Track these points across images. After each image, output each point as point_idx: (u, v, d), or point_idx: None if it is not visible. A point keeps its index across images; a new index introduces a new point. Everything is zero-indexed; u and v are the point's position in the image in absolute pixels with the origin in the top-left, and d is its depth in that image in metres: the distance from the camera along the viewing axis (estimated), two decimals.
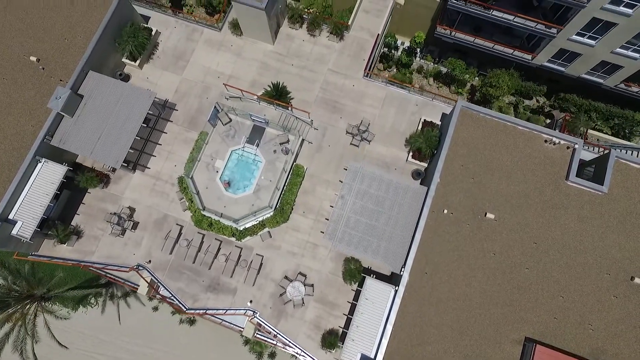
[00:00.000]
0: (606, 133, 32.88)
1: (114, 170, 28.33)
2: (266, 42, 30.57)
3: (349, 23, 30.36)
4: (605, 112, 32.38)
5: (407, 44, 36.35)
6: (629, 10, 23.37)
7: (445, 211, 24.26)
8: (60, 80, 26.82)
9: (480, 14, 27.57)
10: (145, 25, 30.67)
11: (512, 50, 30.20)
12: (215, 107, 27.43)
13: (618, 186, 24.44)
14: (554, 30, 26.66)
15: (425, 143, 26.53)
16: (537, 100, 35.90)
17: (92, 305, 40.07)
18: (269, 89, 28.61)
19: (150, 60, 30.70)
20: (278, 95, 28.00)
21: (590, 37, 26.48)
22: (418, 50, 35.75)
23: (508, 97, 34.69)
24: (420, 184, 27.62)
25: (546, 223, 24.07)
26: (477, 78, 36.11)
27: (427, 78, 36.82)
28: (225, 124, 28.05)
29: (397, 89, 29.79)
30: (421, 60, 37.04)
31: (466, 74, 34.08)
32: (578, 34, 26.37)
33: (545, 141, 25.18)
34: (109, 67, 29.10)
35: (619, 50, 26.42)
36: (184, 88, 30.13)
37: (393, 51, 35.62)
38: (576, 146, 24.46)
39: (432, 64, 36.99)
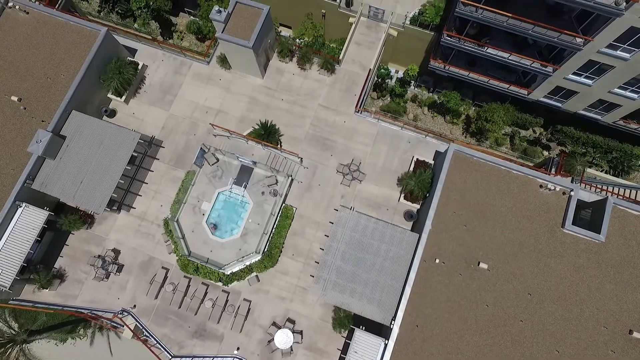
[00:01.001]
0: (603, 169, 32.15)
1: None
2: (255, 76, 29.84)
3: (340, 58, 29.61)
4: (603, 145, 31.66)
5: (400, 73, 35.59)
6: (627, 55, 22.62)
7: (437, 260, 23.51)
8: (42, 121, 26.10)
9: (474, 52, 26.81)
10: (132, 59, 29.93)
11: (508, 86, 29.44)
12: (201, 148, 26.69)
13: (616, 234, 23.69)
14: (549, 69, 25.89)
15: (417, 186, 25.78)
16: (534, 131, 35.13)
17: (81, 337, 39.29)
18: (257, 126, 27.86)
19: (137, 95, 29.97)
20: (267, 134, 27.26)
21: (587, 77, 25.72)
22: (412, 82, 34.99)
23: (504, 128, 33.90)
24: (413, 226, 26.91)
25: (541, 272, 23.33)
26: (473, 108, 35.37)
27: (422, 107, 36.08)
28: (213, 164, 27.30)
29: (389, 125, 29.03)
30: (415, 89, 36.29)
31: (461, 105, 33.35)
32: (574, 73, 25.60)
33: (541, 186, 24.43)
34: (94, 103, 28.38)
35: (616, 90, 25.67)
36: (171, 124, 29.39)
37: (387, 80, 34.84)
38: (572, 193, 23.70)
39: (426, 92, 36.24)
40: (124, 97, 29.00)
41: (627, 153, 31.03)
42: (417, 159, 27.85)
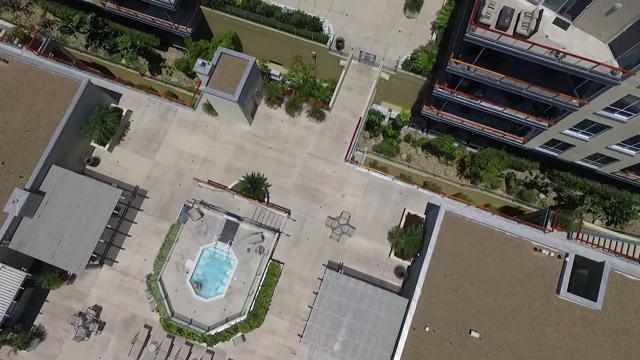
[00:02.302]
0: (600, 215, 31.29)
1: None
2: (243, 123, 28.99)
3: (330, 105, 28.76)
4: (600, 191, 30.81)
5: (393, 112, 34.74)
6: (624, 118, 21.76)
7: (427, 328, 22.67)
8: (21, 177, 25.28)
9: (467, 104, 25.96)
10: (116, 106, 29.09)
11: (503, 134, 28.58)
12: (185, 204, 25.89)
13: (613, 301, 22.85)
14: (545, 124, 25.03)
15: (408, 245, 24.94)
16: (531, 173, 34.23)
17: None
18: (243, 178, 27.02)
19: (121, 142, 29.14)
20: (253, 188, 26.41)
21: (583, 133, 24.86)
22: (404, 126, 34.16)
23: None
24: (403, 284, 26.06)
25: (535, 341, 22.48)
26: (467, 150, 34.47)
27: (415, 147, 35.23)
28: (197, 220, 26.46)
29: (380, 175, 28.19)
30: (409, 128, 35.43)
31: (455, 150, 32.51)
32: (571, 129, 24.74)
33: (535, 249, 23.60)
34: (76, 154, 27.56)
35: (614, 146, 24.81)
36: (156, 173, 28.56)
37: (380, 119, 34.00)
38: (567, 259, 22.84)
39: (420, 131, 35.38)
40: (107, 146, 28.17)
41: (625, 200, 30.18)
42: (408, 212, 27.00)
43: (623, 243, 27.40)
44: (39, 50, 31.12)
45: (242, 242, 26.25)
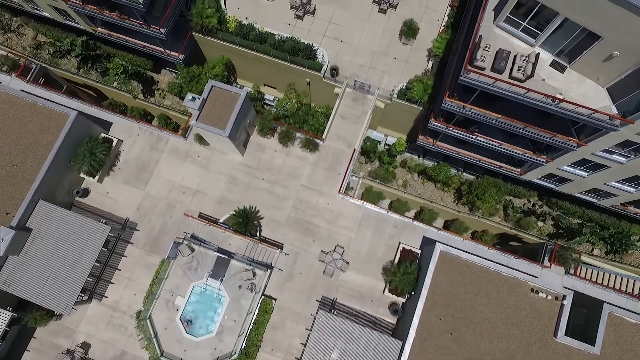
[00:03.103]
0: (599, 246, 30.79)
1: None
2: (235, 153, 28.47)
3: (324, 137, 28.25)
4: (599, 221, 30.32)
5: (389, 138, 34.24)
6: (623, 159, 21.24)
7: None
8: (7, 214, 24.74)
9: (464, 138, 25.44)
10: (106, 135, 28.54)
11: (500, 166, 28.07)
12: (174, 241, 25.39)
13: (611, 344, 22.33)
14: (542, 160, 24.51)
15: (402, 283, 24.42)
16: (529, 200, 33.73)
17: None
18: (235, 212, 26.48)
19: (111, 173, 28.62)
20: (245, 222, 25.88)
21: (582, 170, 24.34)
22: (401, 153, 33.64)
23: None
24: (397, 321, 25.54)
25: None
26: (464, 174, 33.96)
27: (412, 173, 34.71)
28: (187, 256, 25.95)
29: (374, 208, 27.68)
30: (405, 153, 34.90)
31: (451, 178, 32.00)
32: (569, 165, 24.22)
33: (532, 290, 23.07)
34: (64, 186, 27.05)
35: (613, 183, 24.29)
36: (147, 205, 28.04)
37: (375, 147, 33.48)
38: (564, 302, 22.31)
39: (416, 157, 34.87)
40: (97, 177, 27.65)
41: (625, 231, 29.67)
42: (403, 247, 26.49)
43: (622, 278, 26.86)
44: (28, 78, 30.68)
45: (233, 279, 25.73)
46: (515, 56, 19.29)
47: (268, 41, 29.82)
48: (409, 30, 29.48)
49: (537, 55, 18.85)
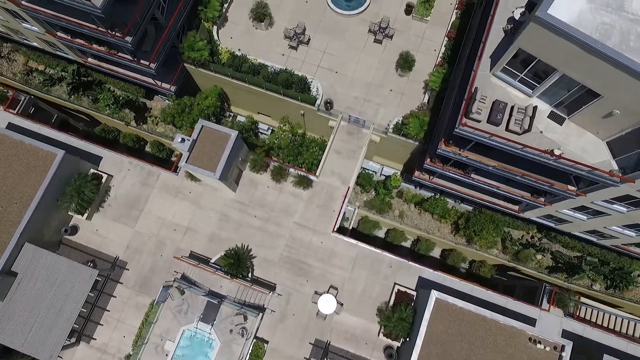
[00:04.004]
0: (598, 282, 30.19)
1: None
2: (227, 190, 27.86)
3: (317, 174, 27.66)
4: (599, 256, 29.72)
5: (385, 168, 33.66)
6: (623, 209, 20.64)
7: None
8: None
9: (460, 179, 24.85)
10: (95, 171, 27.96)
11: (497, 204, 27.47)
12: (164, 285, 24.80)
13: None
14: (540, 203, 23.92)
15: (397, 328, 23.83)
16: (527, 232, 33.12)
17: None
18: (226, 255, 25.90)
19: (101, 209, 28.04)
20: (236, 264, 25.30)
21: (582, 214, 23.75)
22: (396, 188, 33.04)
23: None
24: None
25: None
26: (462, 204, 33.37)
27: (408, 204, 34.11)
28: (177, 299, 25.33)
29: (368, 247, 27.08)
30: (402, 184, 34.29)
31: (448, 212, 31.42)
32: (569, 209, 23.62)
33: (530, 339, 22.45)
34: (52, 225, 26.47)
35: (614, 227, 23.69)
36: (137, 243, 27.46)
37: (370, 182, 32.89)
38: (563, 354, 21.70)
39: (413, 187, 34.27)
40: (85, 215, 27.08)
41: (625, 268, 29.08)
42: (398, 289, 25.89)
43: (623, 319, 26.28)
44: (17, 110, 30.12)
45: (224, 323, 25.12)
46: (512, 107, 18.68)
47: (261, 73, 29.19)
48: (405, 63, 28.88)
49: (535, 108, 18.22)
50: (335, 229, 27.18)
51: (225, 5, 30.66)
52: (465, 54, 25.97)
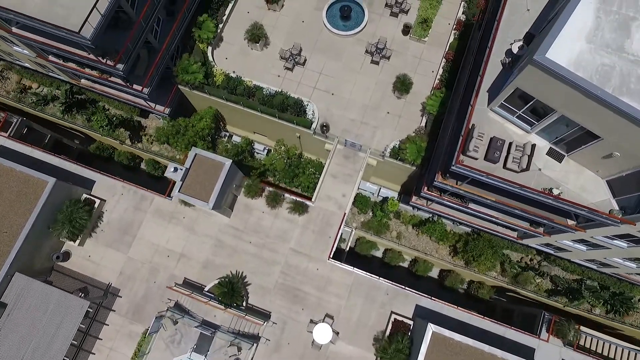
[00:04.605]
0: (598, 307, 29.79)
1: None
2: (221, 215, 27.46)
3: (313, 199, 27.26)
4: (598, 281, 29.32)
5: (383, 190, 33.27)
6: (624, 244, 20.24)
7: None
8: None
9: (457, 208, 24.45)
10: (88, 195, 27.57)
11: (496, 231, 27.08)
12: (156, 316, 24.42)
13: None
14: (540, 233, 23.52)
15: None
16: (527, 255, 32.71)
17: None
18: (220, 281, 25.51)
19: (94, 235, 27.65)
20: (231, 293, 24.89)
21: (582, 245, 23.35)
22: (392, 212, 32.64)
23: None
24: None
25: None
26: (460, 226, 32.97)
27: (406, 225, 33.71)
28: (169, 330, 24.95)
29: (365, 274, 26.69)
30: (400, 205, 33.90)
31: (447, 235, 31.02)
32: (568, 240, 23.24)
33: None
34: (44, 252, 26.08)
35: (614, 259, 23.30)
36: (130, 270, 27.08)
37: (367, 205, 32.50)
38: None
39: (411, 208, 33.86)
40: (78, 241, 26.69)
41: (626, 293, 28.69)
42: (395, 319, 25.50)
43: (623, 349, 25.87)
44: (9, 133, 29.73)
45: (218, 353, 24.74)
46: (510, 144, 18.26)
47: (257, 95, 28.76)
48: (402, 86, 28.46)
49: (533, 146, 17.82)
50: (331, 256, 26.78)
51: (220, 26, 30.22)
52: (464, 77, 25.56)
